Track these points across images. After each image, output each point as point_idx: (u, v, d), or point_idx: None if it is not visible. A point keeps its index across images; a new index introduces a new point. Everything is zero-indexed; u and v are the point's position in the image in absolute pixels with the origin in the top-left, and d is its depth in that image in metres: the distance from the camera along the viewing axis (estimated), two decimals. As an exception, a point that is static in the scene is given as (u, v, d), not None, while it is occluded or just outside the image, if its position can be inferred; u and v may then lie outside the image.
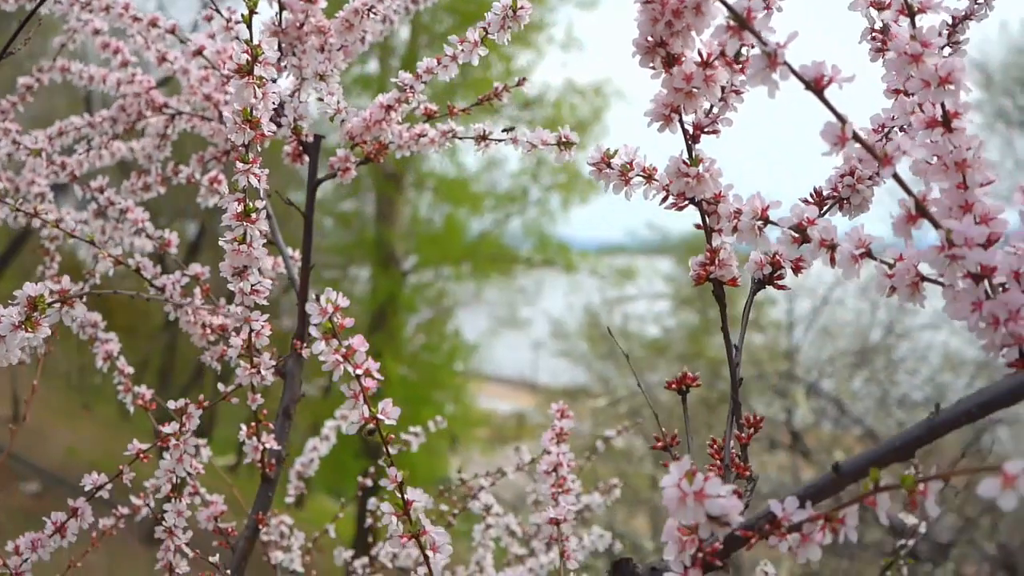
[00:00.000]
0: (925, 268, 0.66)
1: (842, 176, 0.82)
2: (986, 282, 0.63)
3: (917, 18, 0.66)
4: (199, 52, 1.22)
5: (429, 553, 0.77)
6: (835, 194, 0.82)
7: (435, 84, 1.16)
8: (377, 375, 0.75)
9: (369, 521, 1.52)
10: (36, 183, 1.41)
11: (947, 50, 0.85)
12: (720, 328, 0.81)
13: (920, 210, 0.61)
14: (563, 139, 1.03)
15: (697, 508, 0.59)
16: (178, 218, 9.44)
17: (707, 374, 8.21)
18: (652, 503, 8.14)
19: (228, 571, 1.09)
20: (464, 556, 1.69)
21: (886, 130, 0.81)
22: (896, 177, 0.61)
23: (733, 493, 0.75)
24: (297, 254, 1.31)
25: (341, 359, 0.74)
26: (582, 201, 11.31)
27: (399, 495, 0.78)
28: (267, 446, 1.12)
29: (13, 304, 0.79)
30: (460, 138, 1.13)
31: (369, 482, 1.68)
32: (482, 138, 1.11)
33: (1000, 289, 0.63)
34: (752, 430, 0.76)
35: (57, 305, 0.79)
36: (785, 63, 0.59)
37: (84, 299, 0.90)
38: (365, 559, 1.57)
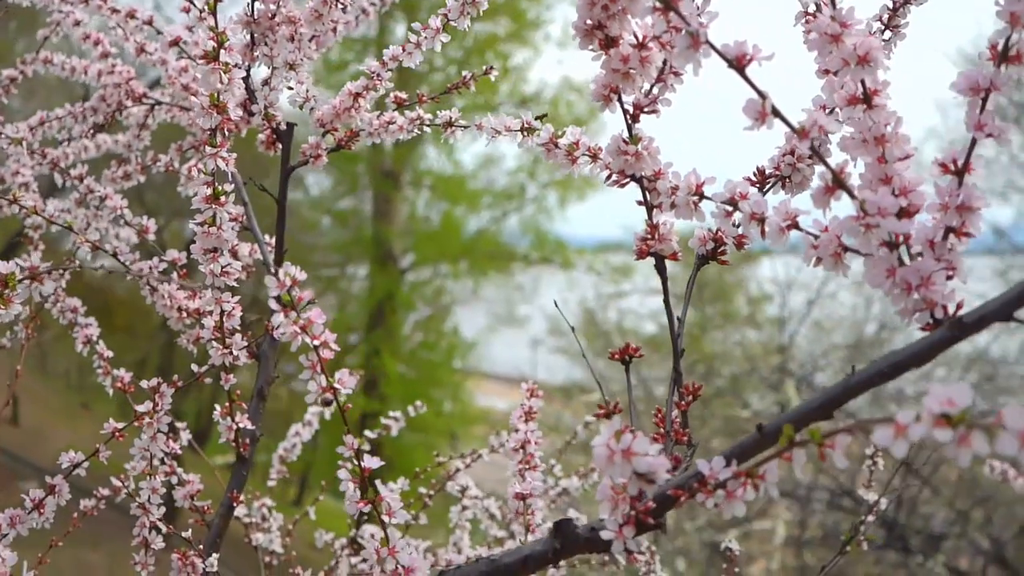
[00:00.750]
0: (849, 239, 0.69)
1: (783, 155, 0.85)
2: (904, 250, 0.66)
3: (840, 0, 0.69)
4: (175, 43, 1.25)
5: (384, 518, 0.80)
6: (776, 172, 0.85)
7: (432, 83, 1.20)
8: (334, 346, 0.78)
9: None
10: (20, 173, 1.44)
11: (887, 33, 0.89)
12: (669, 303, 0.84)
13: (837, 182, 0.64)
14: (526, 125, 1.06)
15: (625, 465, 0.62)
16: (176, 217, 9.48)
17: (703, 370, 8.26)
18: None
19: (201, 546, 1.12)
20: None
21: (826, 111, 0.84)
22: (814, 150, 0.64)
23: (672, 457, 0.78)
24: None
25: (299, 330, 0.77)
26: (579, 198, 11.35)
27: (356, 463, 0.81)
28: (241, 426, 1.15)
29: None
30: (428, 125, 1.16)
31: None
32: (448, 125, 1.14)
33: (918, 257, 0.66)
34: (691, 398, 0.80)
35: (27, 282, 0.83)
36: (707, 42, 0.63)
37: (58, 276, 0.94)
38: (344, 540, 1.60)
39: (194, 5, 1.20)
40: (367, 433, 1.59)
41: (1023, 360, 7.31)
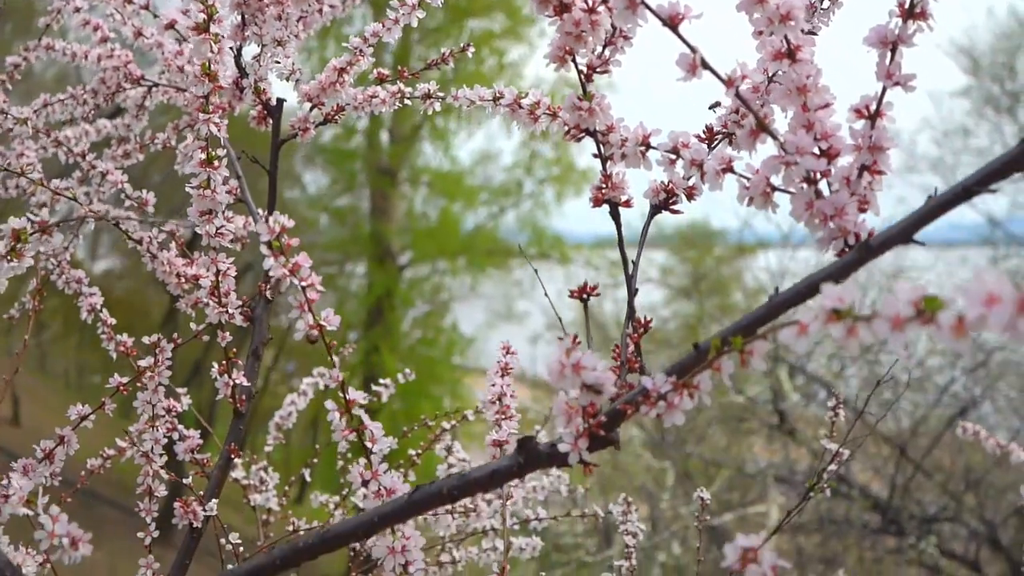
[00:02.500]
0: (776, 180, 0.77)
1: (731, 113, 0.93)
2: (825, 186, 0.74)
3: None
4: (171, 26, 1.33)
5: (368, 444, 0.88)
6: (724, 129, 0.92)
7: (428, 77, 1.28)
8: (320, 287, 0.86)
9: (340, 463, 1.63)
10: (25, 155, 1.52)
11: (826, 2, 0.96)
12: (623, 248, 0.92)
13: (760, 126, 0.72)
14: (497, 95, 1.13)
15: (574, 378, 0.70)
16: (175, 215, 9.58)
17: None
18: (646, 490, 8.27)
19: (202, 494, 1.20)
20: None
21: (767, 73, 0.92)
22: (740, 98, 0.72)
23: (627, 384, 0.86)
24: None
25: (288, 272, 0.85)
26: (576, 194, 11.43)
27: (341, 395, 0.89)
28: (237, 382, 1.23)
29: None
30: (408, 98, 1.24)
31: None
32: (427, 96, 1.22)
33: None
34: (643, 330, 0.88)
35: (37, 235, 0.91)
36: (643, 3, 0.70)
37: (66, 243, 1.01)
38: (337, 498, 1.68)
39: (189, -11, 1.28)
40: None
41: (1014, 346, 7.38)
